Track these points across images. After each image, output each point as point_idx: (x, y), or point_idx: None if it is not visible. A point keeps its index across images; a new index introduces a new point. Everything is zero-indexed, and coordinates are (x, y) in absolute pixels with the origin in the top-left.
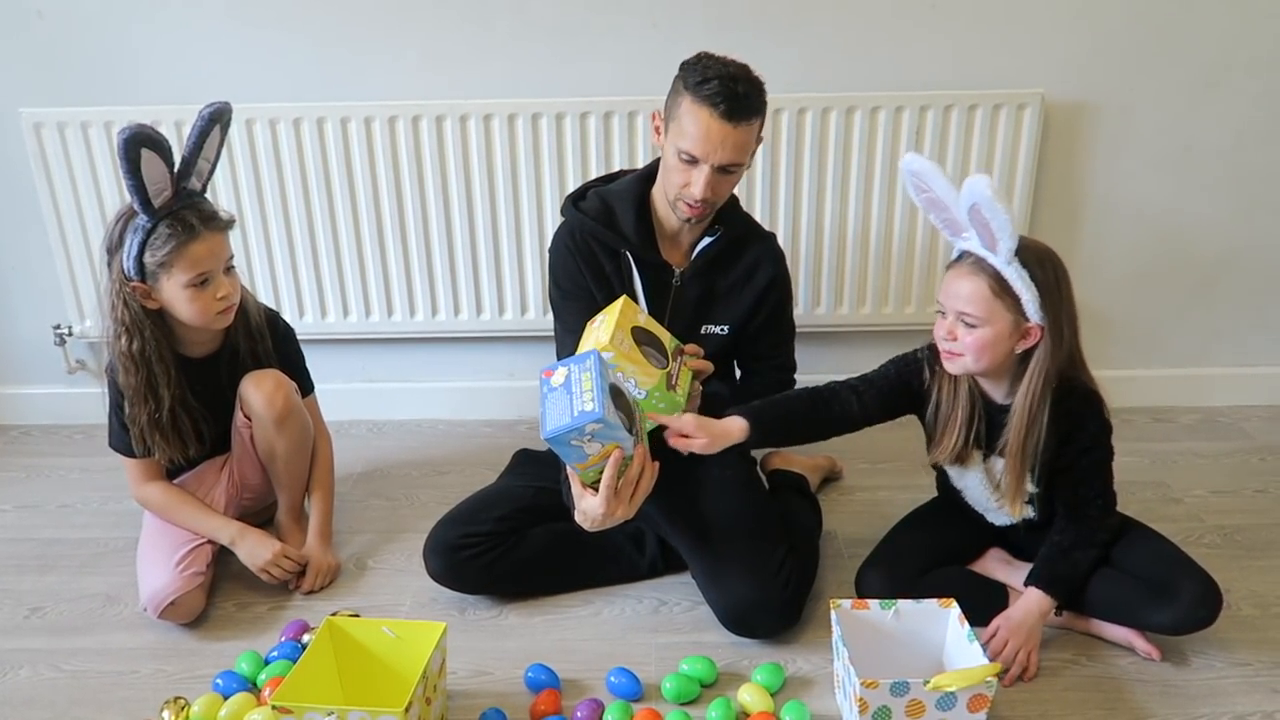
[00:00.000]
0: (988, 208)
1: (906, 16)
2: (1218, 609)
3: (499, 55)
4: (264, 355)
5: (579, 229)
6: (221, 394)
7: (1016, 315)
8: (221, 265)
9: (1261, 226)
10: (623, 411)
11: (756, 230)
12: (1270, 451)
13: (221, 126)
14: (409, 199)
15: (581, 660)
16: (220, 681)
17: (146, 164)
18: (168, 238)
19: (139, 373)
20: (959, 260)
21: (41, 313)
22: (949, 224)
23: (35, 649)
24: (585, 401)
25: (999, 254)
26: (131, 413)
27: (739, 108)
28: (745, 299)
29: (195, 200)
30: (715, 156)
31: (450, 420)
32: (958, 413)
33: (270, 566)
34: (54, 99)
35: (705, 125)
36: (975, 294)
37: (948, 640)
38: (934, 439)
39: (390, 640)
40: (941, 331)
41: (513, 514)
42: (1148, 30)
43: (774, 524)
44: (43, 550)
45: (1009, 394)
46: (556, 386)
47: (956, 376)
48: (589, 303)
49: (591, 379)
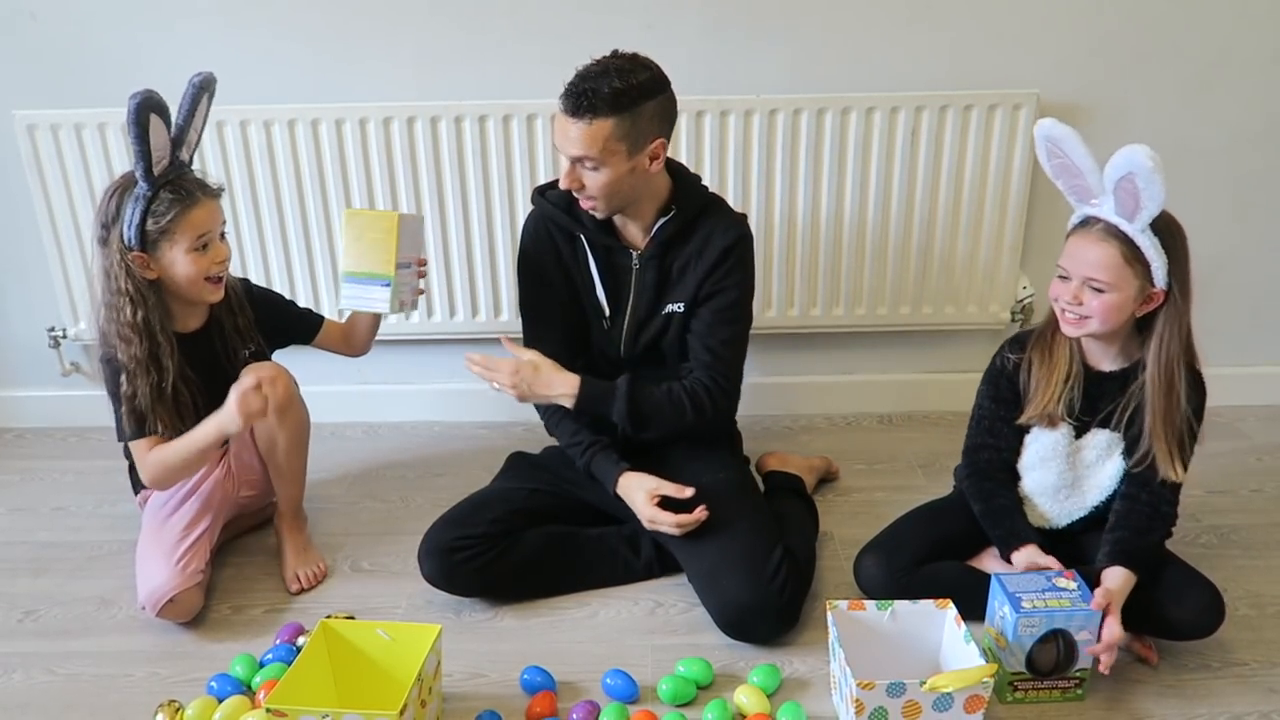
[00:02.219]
0: (1146, 178)
1: (902, 17)
2: (1221, 616)
3: (494, 57)
4: (246, 329)
5: (539, 216)
6: (216, 368)
7: (1143, 281)
8: (219, 229)
9: (1256, 227)
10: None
11: (719, 209)
12: (1266, 451)
13: (209, 95)
14: (403, 200)
15: (577, 662)
16: (214, 684)
17: (154, 131)
18: (171, 203)
19: (143, 343)
20: (1084, 225)
21: (36, 315)
22: (1077, 190)
23: (29, 652)
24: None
25: (1137, 221)
26: (134, 386)
27: (579, 104)
28: (698, 273)
29: (186, 170)
30: (564, 149)
31: (445, 422)
32: (1055, 372)
33: (250, 399)
34: (47, 101)
35: (557, 119)
36: (1106, 260)
37: (944, 641)
38: (1027, 398)
39: (385, 643)
40: (1066, 295)
41: (507, 516)
42: (1143, 32)
43: (770, 526)
44: (37, 553)
45: (1118, 360)
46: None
47: (1054, 340)
48: (543, 290)
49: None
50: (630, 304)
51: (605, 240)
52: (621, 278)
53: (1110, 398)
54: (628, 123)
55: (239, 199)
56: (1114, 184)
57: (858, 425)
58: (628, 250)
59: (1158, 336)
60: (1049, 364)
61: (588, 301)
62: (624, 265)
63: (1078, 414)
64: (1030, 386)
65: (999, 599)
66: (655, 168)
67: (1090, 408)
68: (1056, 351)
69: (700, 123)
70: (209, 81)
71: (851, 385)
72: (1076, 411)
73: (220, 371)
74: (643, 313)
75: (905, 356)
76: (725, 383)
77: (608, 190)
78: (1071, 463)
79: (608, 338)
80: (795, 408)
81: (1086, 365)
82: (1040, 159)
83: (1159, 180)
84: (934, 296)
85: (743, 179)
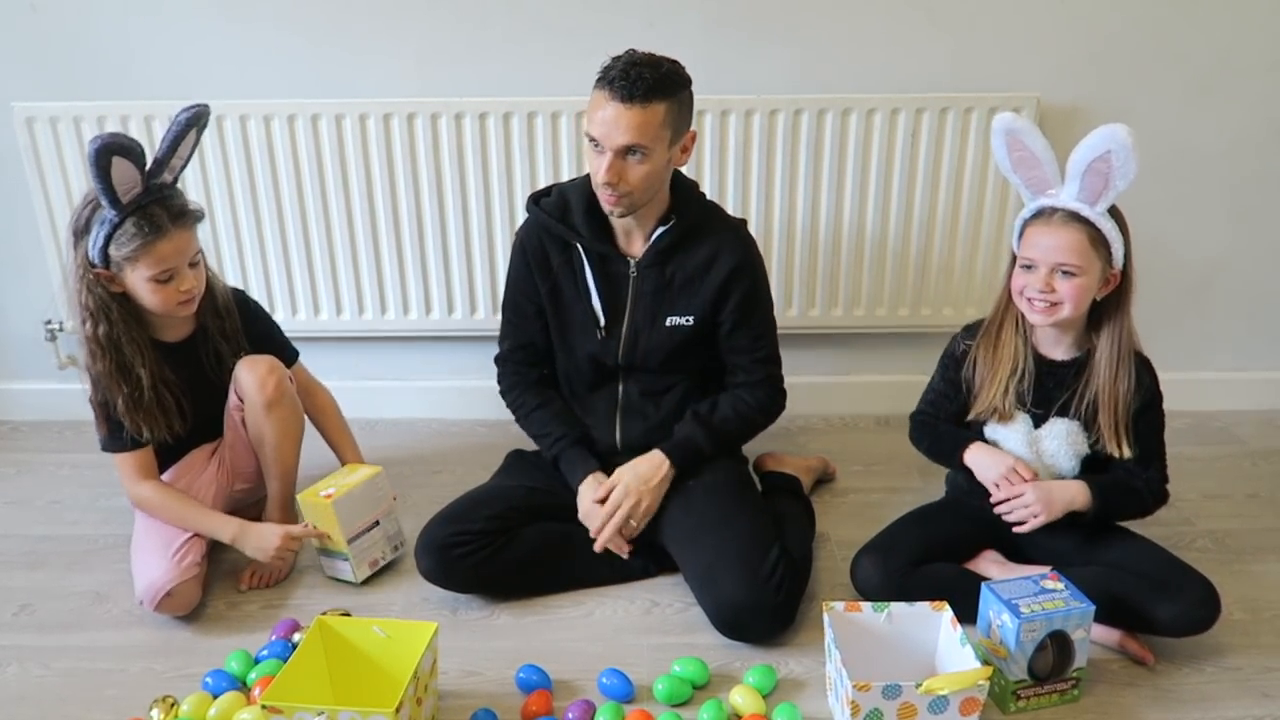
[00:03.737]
0: (1124, 154)
1: (903, 19)
2: (1217, 612)
3: (495, 54)
4: (232, 333)
5: (532, 225)
6: (202, 376)
7: (1104, 264)
8: (187, 260)
9: (1254, 232)
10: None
11: (718, 217)
12: (1262, 456)
13: (198, 130)
14: (403, 197)
15: (573, 661)
16: (210, 680)
17: (116, 168)
18: (133, 235)
19: (106, 357)
20: (1040, 216)
21: (32, 308)
22: (1035, 181)
23: (23, 646)
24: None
25: (1100, 204)
26: (107, 397)
27: (635, 88)
28: (706, 289)
29: (165, 194)
30: (612, 139)
31: (443, 419)
32: (999, 368)
33: (282, 552)
34: (46, 93)
35: (602, 108)
36: (1075, 244)
37: (940, 643)
38: (973, 393)
39: (381, 640)
40: (1036, 284)
41: (505, 513)
42: (1143, 35)
43: (767, 526)
44: (32, 547)
45: (1071, 349)
46: None
47: (999, 336)
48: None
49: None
50: (628, 312)
51: (601, 249)
52: (618, 286)
53: (1065, 386)
54: (675, 108)
55: (237, 194)
56: (1085, 166)
57: (855, 426)
58: (625, 259)
59: (1111, 321)
60: (994, 359)
61: (582, 310)
62: (621, 273)
63: (1030, 405)
64: (975, 382)
65: (994, 608)
66: (683, 160)
67: (1045, 398)
68: (1002, 348)
69: (700, 122)
70: (198, 116)
71: (849, 386)
72: (1029, 403)
73: (205, 378)
74: (641, 321)
75: (903, 358)
76: (779, 382)
77: (646, 182)
78: (1035, 452)
79: (604, 346)
80: (793, 408)
81: (1039, 355)
82: (997, 154)
83: (1135, 158)
84: (932, 298)
85: (742, 179)
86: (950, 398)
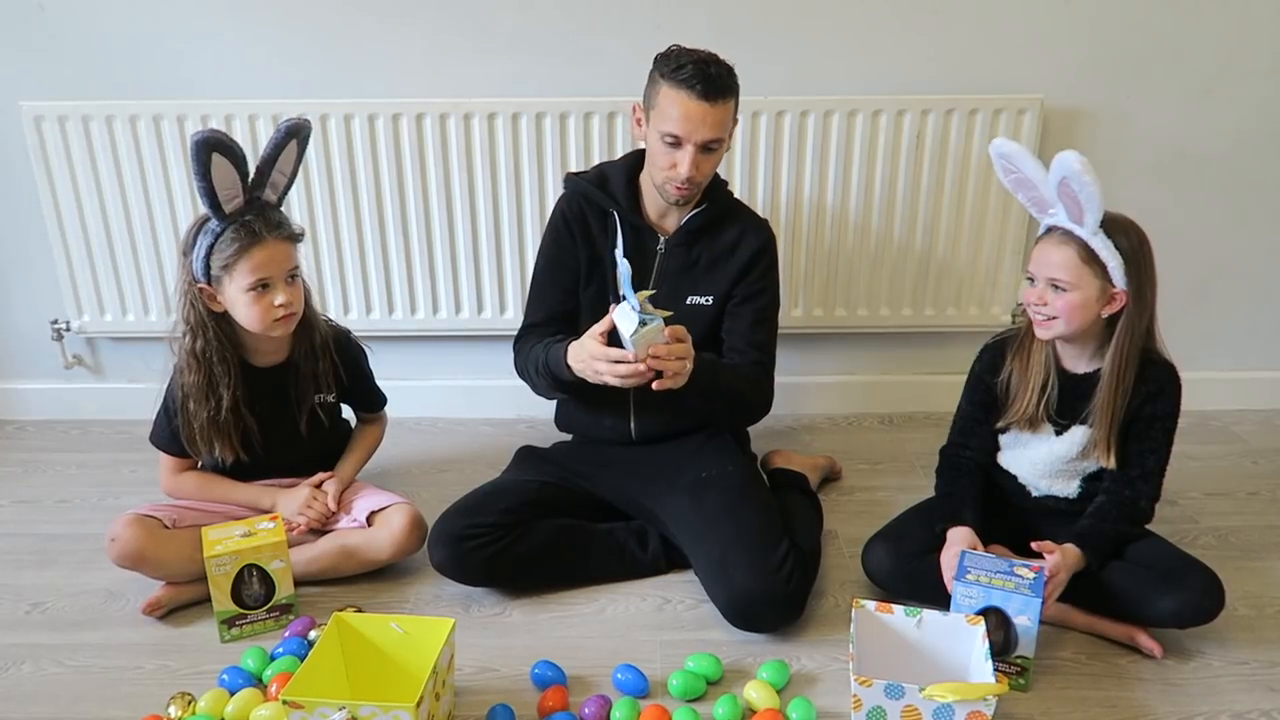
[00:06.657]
0: (1076, 180)
1: (908, 21)
2: (1222, 602)
3: (504, 55)
4: (322, 375)
5: (573, 192)
6: (284, 404)
7: (1103, 281)
8: (284, 273)
9: (1255, 232)
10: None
11: (745, 208)
12: (1262, 455)
13: (299, 141)
14: (411, 197)
15: (587, 657)
16: (226, 677)
17: (217, 168)
18: (231, 241)
19: (199, 371)
20: (1047, 233)
21: (39, 307)
22: (1036, 201)
23: (38, 644)
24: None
25: (1085, 225)
26: (194, 410)
27: (714, 87)
28: (730, 269)
29: (266, 210)
30: (697, 135)
31: (450, 418)
32: (1031, 378)
33: (305, 509)
34: (55, 92)
35: (685, 107)
36: (1064, 261)
37: (972, 658)
38: (1007, 404)
39: (398, 636)
40: (1033, 298)
41: (518, 507)
42: (1146, 38)
43: (776, 519)
44: (42, 545)
45: (1091, 362)
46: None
47: (1030, 347)
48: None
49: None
50: (651, 286)
51: (635, 220)
52: (646, 260)
53: (1086, 399)
54: (735, 102)
55: None
56: (1055, 192)
57: (860, 425)
58: (655, 234)
59: (1117, 337)
60: (1025, 370)
61: (608, 278)
62: (649, 248)
63: (1055, 416)
64: (1010, 393)
65: (954, 572)
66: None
67: (1068, 409)
68: (1032, 358)
69: None
70: (297, 128)
71: (854, 385)
72: (1054, 414)
73: (286, 412)
74: (663, 296)
75: (907, 357)
76: (769, 374)
77: (713, 169)
78: (1054, 459)
79: None
80: (798, 407)
81: (1062, 369)
82: (999, 176)
83: (1089, 180)
84: (936, 298)
85: (749, 179)
86: (980, 421)
